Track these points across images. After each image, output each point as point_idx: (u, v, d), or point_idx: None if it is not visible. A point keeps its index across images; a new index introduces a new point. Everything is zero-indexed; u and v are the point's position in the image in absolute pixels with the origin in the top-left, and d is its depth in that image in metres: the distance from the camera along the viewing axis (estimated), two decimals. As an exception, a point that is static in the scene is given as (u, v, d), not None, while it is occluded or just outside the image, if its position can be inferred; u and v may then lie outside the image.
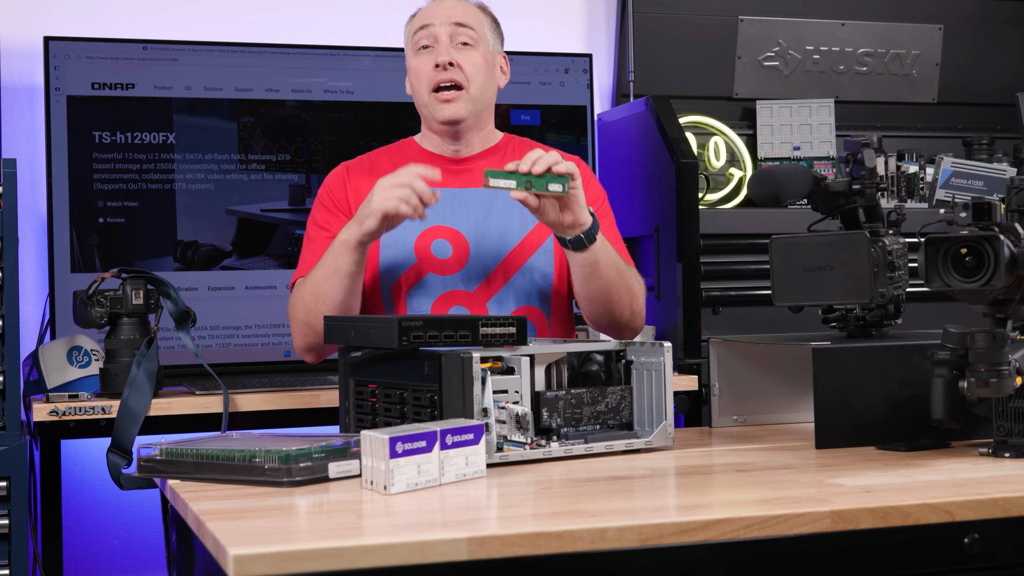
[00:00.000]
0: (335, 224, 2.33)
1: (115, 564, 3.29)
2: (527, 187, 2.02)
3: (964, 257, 1.80)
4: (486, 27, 2.39)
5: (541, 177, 2.03)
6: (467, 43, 2.34)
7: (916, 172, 3.59)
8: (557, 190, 2.04)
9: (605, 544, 1.38)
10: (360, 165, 2.42)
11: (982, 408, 1.84)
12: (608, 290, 2.24)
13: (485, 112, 2.39)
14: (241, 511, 1.52)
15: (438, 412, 1.82)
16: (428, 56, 2.34)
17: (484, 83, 2.35)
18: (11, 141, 3.19)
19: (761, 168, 2.56)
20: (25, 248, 3.09)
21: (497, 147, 2.43)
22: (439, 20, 2.34)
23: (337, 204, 2.36)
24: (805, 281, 2.05)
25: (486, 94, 2.37)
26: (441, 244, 2.33)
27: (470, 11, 2.39)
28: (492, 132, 2.45)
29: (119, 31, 3.20)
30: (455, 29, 2.34)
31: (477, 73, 2.33)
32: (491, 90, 2.39)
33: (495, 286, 2.32)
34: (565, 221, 2.12)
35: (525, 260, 2.34)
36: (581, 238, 2.15)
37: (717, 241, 3.20)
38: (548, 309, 2.36)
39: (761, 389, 2.27)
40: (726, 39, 3.65)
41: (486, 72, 2.36)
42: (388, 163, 2.40)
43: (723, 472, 1.81)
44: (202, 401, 2.61)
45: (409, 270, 2.31)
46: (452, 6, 2.38)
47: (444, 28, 2.33)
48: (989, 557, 1.54)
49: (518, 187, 2.03)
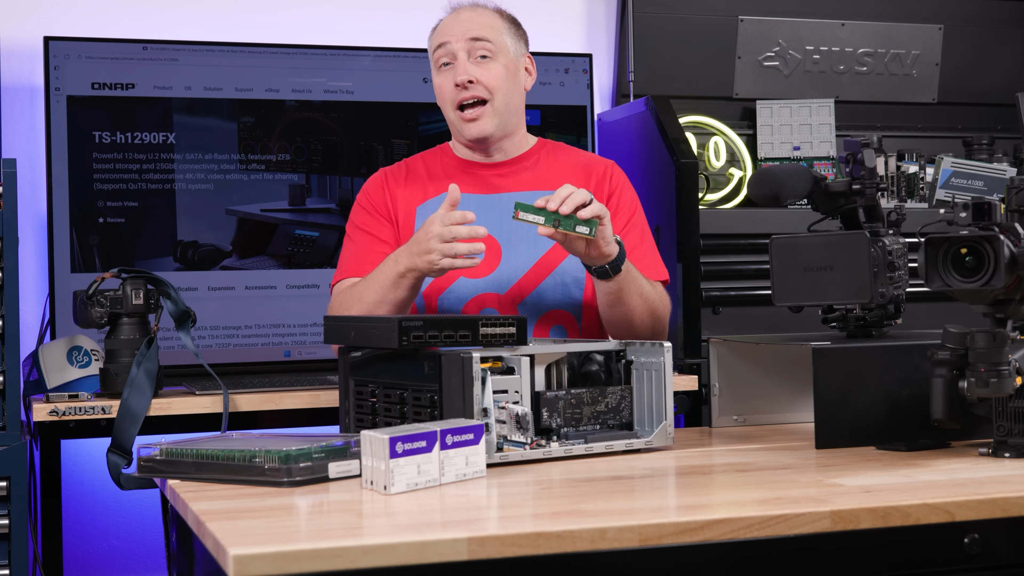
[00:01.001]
0: (374, 226, 2.37)
1: (115, 564, 3.29)
2: (555, 224, 2.04)
3: (964, 257, 1.80)
4: (504, 34, 2.38)
5: (569, 217, 2.04)
6: (486, 56, 2.34)
7: (916, 172, 3.59)
8: (584, 232, 2.06)
9: (605, 544, 1.38)
10: (397, 171, 2.46)
11: (982, 408, 1.84)
12: (631, 316, 2.26)
13: (512, 120, 2.40)
14: (241, 511, 1.52)
15: (438, 412, 1.82)
16: (449, 74, 2.35)
17: (507, 93, 2.36)
18: (11, 141, 3.19)
19: (761, 168, 2.56)
20: (25, 248, 3.09)
21: (530, 152, 2.44)
22: (455, 36, 2.35)
23: (376, 207, 2.40)
24: (805, 281, 2.05)
25: (511, 103, 2.37)
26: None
27: (487, 21, 2.38)
28: (525, 137, 2.46)
29: (119, 31, 3.20)
30: (472, 44, 2.34)
31: (499, 85, 2.34)
32: (516, 97, 2.40)
33: (526, 290, 2.33)
34: (591, 254, 2.13)
35: (556, 265, 2.35)
36: (606, 268, 2.16)
37: (717, 241, 3.20)
38: (579, 314, 2.37)
39: (761, 389, 2.27)
40: (726, 39, 3.65)
41: (508, 81, 2.36)
42: (423, 168, 2.42)
43: (723, 472, 1.81)
44: (202, 401, 2.61)
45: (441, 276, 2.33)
46: (468, 18, 2.37)
47: (461, 44, 2.34)
48: (989, 557, 1.54)
49: (546, 223, 2.05)
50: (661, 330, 2.34)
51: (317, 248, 3.18)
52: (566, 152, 2.48)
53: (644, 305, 2.26)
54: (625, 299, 2.23)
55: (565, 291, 2.35)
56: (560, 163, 2.44)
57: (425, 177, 2.42)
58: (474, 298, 2.32)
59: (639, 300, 2.25)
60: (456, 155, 2.45)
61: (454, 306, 2.32)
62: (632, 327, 2.27)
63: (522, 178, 2.40)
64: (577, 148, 2.54)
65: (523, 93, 2.43)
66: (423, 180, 2.42)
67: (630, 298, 2.23)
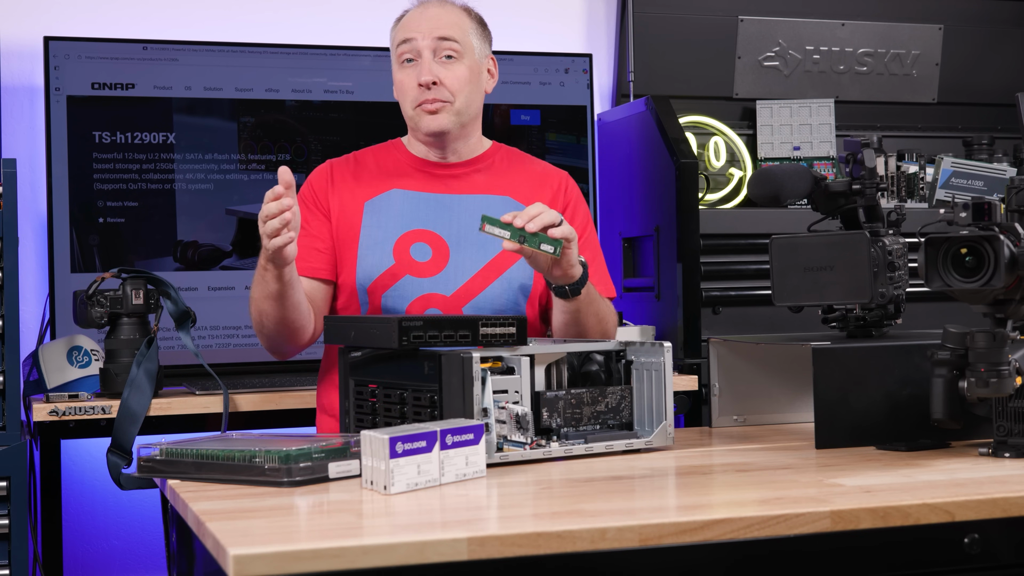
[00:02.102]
0: (313, 223, 2.32)
1: (115, 564, 3.29)
2: (520, 240, 2.02)
3: (964, 257, 1.80)
4: (471, 34, 2.34)
5: (535, 235, 2.02)
6: (451, 56, 2.31)
7: (916, 172, 3.59)
8: (548, 251, 2.02)
9: (605, 544, 1.38)
10: (345, 164, 2.40)
11: (982, 408, 1.84)
12: (583, 333, 2.25)
13: (471, 122, 2.37)
14: (241, 511, 1.52)
15: (438, 412, 1.82)
16: (412, 71, 2.31)
17: (469, 95, 2.33)
18: (11, 141, 3.19)
19: (761, 168, 2.56)
20: (25, 248, 3.09)
21: (485, 155, 2.41)
22: (422, 33, 2.30)
23: (318, 203, 2.35)
24: (805, 281, 2.05)
25: (472, 106, 2.34)
26: (420, 247, 2.31)
27: (454, 19, 2.34)
28: (480, 140, 2.42)
29: (119, 31, 3.20)
30: (438, 43, 2.30)
31: (461, 87, 2.31)
32: (477, 100, 2.37)
33: (473, 292, 2.30)
34: (554, 274, 2.11)
35: (504, 270, 2.32)
36: (566, 290, 2.15)
37: (717, 241, 3.20)
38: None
39: (761, 389, 2.27)
40: (726, 39, 3.65)
41: (471, 84, 2.33)
42: (373, 162, 2.39)
43: (723, 472, 1.81)
44: (202, 401, 2.61)
45: (386, 272, 2.29)
46: (436, 15, 2.33)
47: (427, 42, 2.29)
48: (989, 557, 1.54)
49: (512, 238, 2.02)
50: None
51: (317, 248, 3.18)
52: (521, 159, 2.46)
53: (599, 325, 2.25)
54: (582, 319, 2.22)
55: (512, 297, 2.33)
56: (515, 170, 2.41)
57: (376, 172, 2.37)
58: (419, 297, 2.28)
59: (595, 320, 2.24)
60: (410, 152, 2.40)
61: (398, 304, 2.28)
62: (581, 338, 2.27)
63: (475, 180, 2.37)
64: (531, 156, 2.50)
65: (483, 96, 2.40)
66: (373, 175, 2.37)
67: (587, 318, 2.22)
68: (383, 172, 2.37)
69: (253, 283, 2.22)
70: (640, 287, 3.30)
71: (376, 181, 2.36)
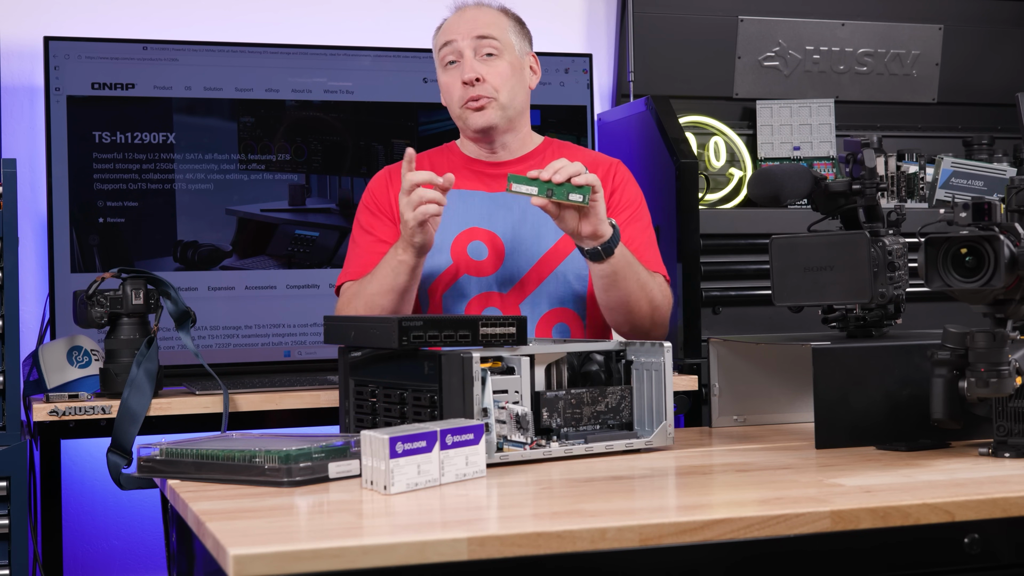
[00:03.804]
0: (379, 228, 2.38)
1: (115, 564, 3.29)
2: (548, 194, 2.05)
3: (964, 257, 1.80)
4: (510, 32, 2.40)
5: (561, 186, 2.05)
6: (492, 53, 2.36)
7: (916, 172, 3.59)
8: (577, 200, 2.07)
9: (605, 544, 1.38)
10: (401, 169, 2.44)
11: (982, 408, 1.84)
12: (627, 301, 2.25)
13: (518, 116, 2.41)
14: (241, 511, 1.52)
15: (438, 412, 1.82)
16: (455, 72, 2.37)
17: (513, 89, 2.37)
18: (11, 141, 3.19)
19: (761, 168, 2.56)
20: (25, 248, 3.09)
21: (536, 151, 2.45)
22: (462, 34, 2.36)
23: (381, 208, 2.40)
24: (805, 281, 2.05)
25: (516, 99, 2.39)
26: (477, 246, 2.35)
27: (492, 19, 2.40)
28: (529, 135, 2.47)
29: (119, 31, 3.20)
30: (478, 43, 2.36)
31: (504, 82, 2.36)
32: (522, 94, 2.41)
33: (528, 288, 2.34)
34: (583, 231, 2.13)
35: (559, 263, 2.36)
36: (599, 250, 2.16)
37: (717, 241, 3.20)
38: (584, 312, 2.37)
39: (761, 389, 2.27)
40: (726, 39, 3.65)
41: (514, 79, 2.38)
42: (428, 165, 2.43)
43: (723, 472, 1.81)
44: (202, 401, 2.61)
45: (445, 272, 2.34)
46: (474, 17, 2.39)
47: (467, 42, 2.35)
48: (989, 557, 1.54)
49: (540, 194, 2.06)
50: (661, 321, 2.34)
51: (317, 248, 3.18)
52: (572, 151, 2.49)
53: (641, 292, 2.26)
54: (620, 283, 2.23)
55: (568, 287, 2.36)
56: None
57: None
58: (477, 296, 2.32)
59: (636, 286, 2.25)
60: (463, 152, 2.46)
61: (457, 303, 2.33)
62: (630, 313, 2.27)
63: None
64: (583, 147, 2.55)
65: (528, 91, 2.44)
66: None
67: (626, 283, 2.23)
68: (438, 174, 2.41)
69: (368, 280, 2.27)
70: (640, 287, 3.30)
71: None
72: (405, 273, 2.21)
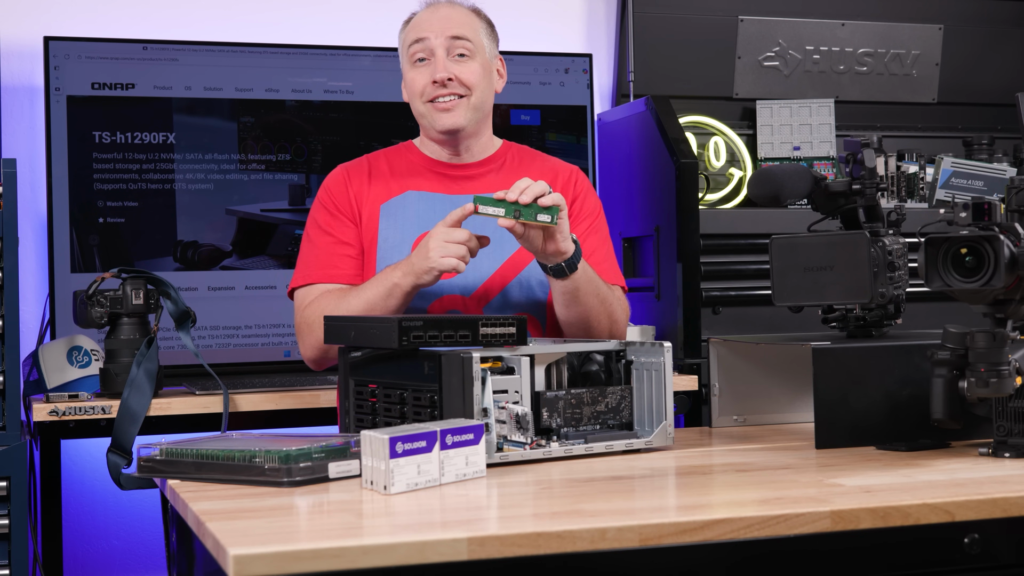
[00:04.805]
0: (339, 228, 2.33)
1: (115, 564, 3.29)
2: (515, 215, 2.03)
3: (964, 257, 1.80)
4: (482, 34, 2.36)
5: (529, 207, 2.03)
6: (464, 54, 2.32)
7: (916, 172, 3.59)
8: (545, 220, 2.04)
9: (605, 544, 1.38)
10: (359, 167, 2.41)
11: (982, 408, 1.84)
12: (587, 317, 2.24)
13: (484, 120, 2.38)
14: (241, 511, 1.52)
15: (438, 412, 1.82)
16: (425, 70, 2.32)
17: (484, 91, 2.34)
18: (11, 141, 3.19)
19: (761, 168, 2.56)
20: (25, 248, 3.09)
21: (496, 155, 2.42)
22: (435, 32, 2.31)
23: (339, 207, 2.35)
24: (805, 281, 2.05)
25: (486, 102, 2.36)
26: None
27: (465, 19, 2.36)
28: (491, 140, 2.43)
29: (119, 31, 3.20)
30: (451, 43, 2.31)
31: (477, 82, 2.32)
32: (490, 97, 2.38)
33: (491, 293, 2.32)
34: (548, 250, 2.11)
35: (523, 267, 2.33)
36: (562, 267, 2.15)
37: (717, 241, 3.20)
38: (543, 316, 2.36)
39: (761, 389, 2.27)
40: (726, 39, 3.65)
41: (485, 80, 2.34)
42: (386, 166, 2.39)
43: (723, 472, 1.81)
44: (202, 401, 2.61)
45: None
46: (447, 16, 2.35)
47: (440, 41, 2.31)
48: (989, 557, 1.54)
49: (507, 215, 2.04)
50: (620, 335, 2.32)
51: (317, 248, 3.18)
52: (531, 157, 2.47)
53: (601, 307, 2.25)
54: (581, 299, 2.21)
55: (530, 293, 2.33)
56: (526, 168, 2.42)
57: (388, 174, 2.38)
58: (439, 299, 2.29)
59: (596, 301, 2.23)
60: (422, 153, 2.41)
61: (418, 305, 2.29)
62: (589, 329, 2.26)
63: (488, 180, 2.38)
64: (542, 153, 2.51)
65: (493, 96, 2.41)
66: (387, 177, 2.38)
67: (587, 298, 2.22)
68: (396, 174, 2.38)
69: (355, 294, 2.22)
70: (640, 287, 3.30)
71: (390, 183, 2.37)
72: (399, 298, 2.17)
